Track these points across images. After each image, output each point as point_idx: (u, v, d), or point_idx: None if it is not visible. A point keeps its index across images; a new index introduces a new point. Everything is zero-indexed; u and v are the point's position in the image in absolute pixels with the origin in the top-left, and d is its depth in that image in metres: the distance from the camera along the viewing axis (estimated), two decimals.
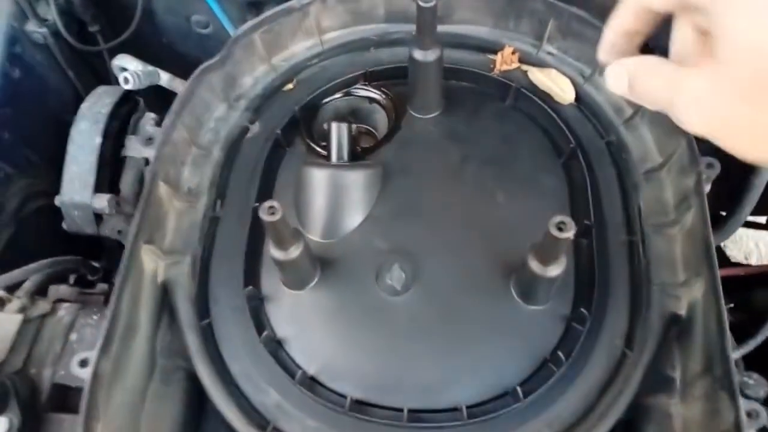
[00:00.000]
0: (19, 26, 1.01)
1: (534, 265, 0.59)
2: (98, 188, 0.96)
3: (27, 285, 0.76)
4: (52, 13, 1.03)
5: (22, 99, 1.03)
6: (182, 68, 1.03)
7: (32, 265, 0.79)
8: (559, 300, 0.65)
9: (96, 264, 0.89)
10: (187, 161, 0.73)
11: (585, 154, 0.73)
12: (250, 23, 0.74)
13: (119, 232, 0.99)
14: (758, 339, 0.66)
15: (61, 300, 0.78)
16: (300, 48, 0.81)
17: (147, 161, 1.00)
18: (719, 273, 0.60)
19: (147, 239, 0.66)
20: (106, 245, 1.06)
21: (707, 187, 0.64)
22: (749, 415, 0.56)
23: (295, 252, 0.61)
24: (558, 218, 0.52)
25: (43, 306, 0.74)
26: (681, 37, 0.43)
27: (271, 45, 0.79)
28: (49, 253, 0.89)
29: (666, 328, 0.63)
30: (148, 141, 0.69)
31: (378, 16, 0.81)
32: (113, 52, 1.09)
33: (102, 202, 0.95)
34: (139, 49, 1.07)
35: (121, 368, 0.61)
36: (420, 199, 0.71)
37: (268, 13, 0.75)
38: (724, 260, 1.19)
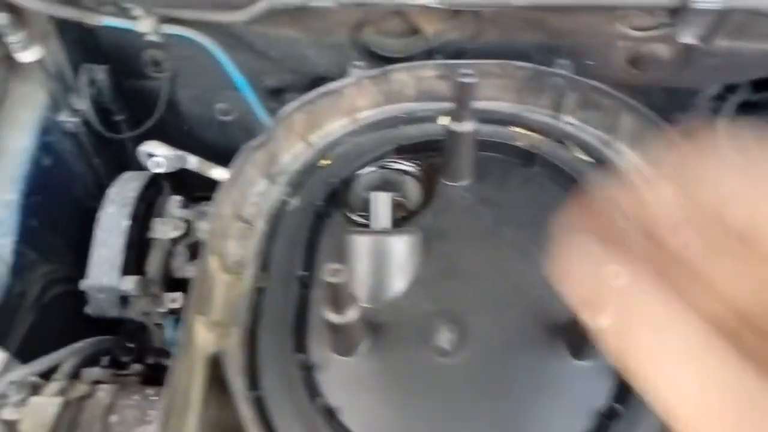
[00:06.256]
0: (52, 116, 1.05)
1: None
2: (125, 270, 0.97)
3: (65, 367, 0.74)
4: (83, 103, 1.07)
5: (50, 186, 1.05)
6: (201, 154, 1.07)
7: (66, 349, 0.78)
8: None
9: (130, 345, 0.88)
10: (232, 235, 0.75)
11: None
12: (294, 104, 0.78)
13: (145, 314, 0.99)
14: None
15: (98, 382, 0.76)
16: (335, 126, 0.86)
17: (173, 242, 1.02)
18: None
19: (199, 311, 0.66)
20: (128, 327, 1.05)
21: None
22: None
23: (352, 315, 0.61)
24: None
25: (81, 388, 0.73)
26: None
27: (309, 124, 0.83)
28: (70, 340, 0.88)
29: None
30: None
31: (408, 95, 0.87)
32: (135, 139, 1.13)
33: (130, 283, 0.95)
34: (160, 137, 1.11)
35: None
36: (461, 261, 0.73)
37: (310, 95, 0.80)
38: None
